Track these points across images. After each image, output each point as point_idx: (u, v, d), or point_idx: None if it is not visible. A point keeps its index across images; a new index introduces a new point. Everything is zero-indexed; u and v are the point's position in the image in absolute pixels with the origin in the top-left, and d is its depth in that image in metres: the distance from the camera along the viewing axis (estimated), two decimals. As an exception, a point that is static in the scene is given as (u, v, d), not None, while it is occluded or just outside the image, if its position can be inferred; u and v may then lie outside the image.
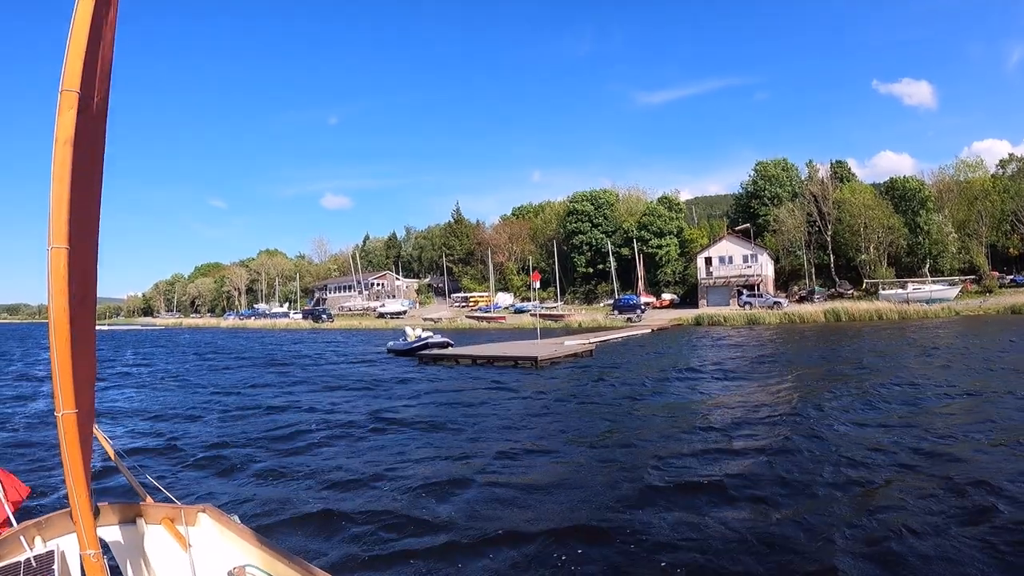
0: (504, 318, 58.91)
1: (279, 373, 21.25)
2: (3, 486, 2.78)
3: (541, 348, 23.19)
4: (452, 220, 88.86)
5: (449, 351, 24.97)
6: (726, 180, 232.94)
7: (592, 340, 27.78)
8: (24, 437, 10.48)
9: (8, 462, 8.20)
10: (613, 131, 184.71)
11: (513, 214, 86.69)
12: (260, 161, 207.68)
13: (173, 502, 3.24)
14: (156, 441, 10.02)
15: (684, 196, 77.58)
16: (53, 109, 1.85)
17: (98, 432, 3.32)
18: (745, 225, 59.57)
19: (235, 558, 2.88)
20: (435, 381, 17.29)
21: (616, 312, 53.47)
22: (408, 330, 29.23)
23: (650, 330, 38.46)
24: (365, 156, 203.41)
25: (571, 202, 72.00)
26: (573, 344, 25.14)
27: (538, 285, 31.75)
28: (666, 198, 67.51)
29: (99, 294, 2.52)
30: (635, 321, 47.89)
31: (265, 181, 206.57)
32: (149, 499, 3.23)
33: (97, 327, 2.62)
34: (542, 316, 55.56)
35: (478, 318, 60.30)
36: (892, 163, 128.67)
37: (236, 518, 3.11)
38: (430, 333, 30.22)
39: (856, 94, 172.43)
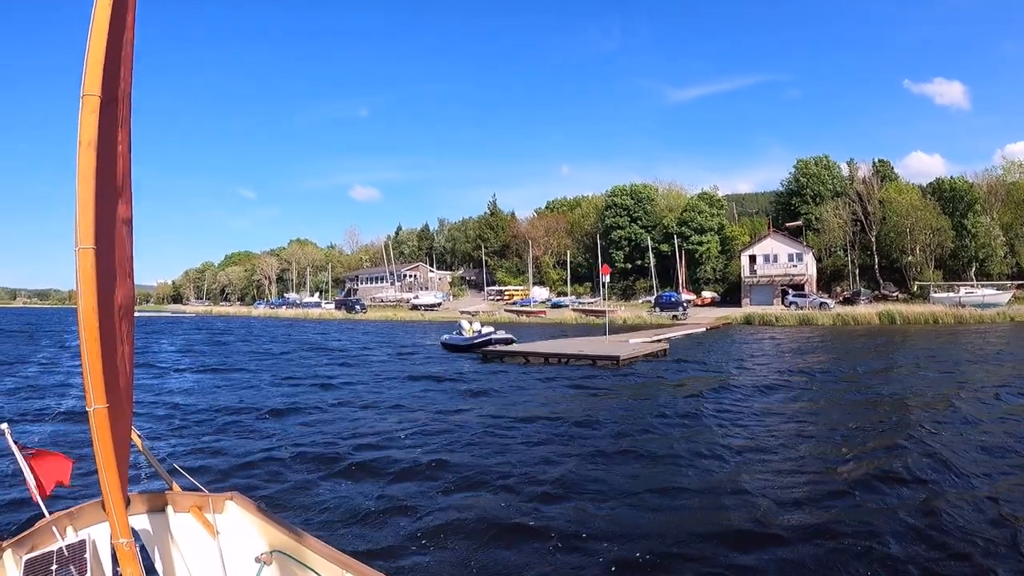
0: (544, 312, 59.25)
1: (323, 366, 20.73)
2: (35, 473, 2.72)
3: (617, 346, 22.91)
4: (488, 212, 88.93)
5: (515, 348, 23.73)
6: (756, 178, 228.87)
7: (658, 338, 28.03)
8: (67, 427, 10.17)
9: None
10: (642, 126, 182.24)
11: (547, 207, 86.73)
12: (289, 152, 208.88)
13: (201, 490, 3.30)
14: (187, 428, 9.92)
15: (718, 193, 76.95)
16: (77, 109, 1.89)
17: None
18: (797, 223, 59.16)
19: (262, 544, 2.99)
20: (513, 380, 16.39)
21: (658, 309, 53.42)
22: (464, 323, 28.04)
23: (704, 328, 38.64)
24: (393, 148, 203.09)
25: (610, 196, 71.89)
26: (643, 342, 25.35)
27: (608, 279, 31.69)
28: (706, 194, 67.21)
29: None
30: (680, 319, 47.93)
31: (294, 172, 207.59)
32: (177, 487, 3.28)
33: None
34: (584, 312, 55.84)
35: (517, 312, 60.65)
36: (924, 164, 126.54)
37: (263, 505, 3.21)
38: (491, 328, 28.95)
39: (887, 94, 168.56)
